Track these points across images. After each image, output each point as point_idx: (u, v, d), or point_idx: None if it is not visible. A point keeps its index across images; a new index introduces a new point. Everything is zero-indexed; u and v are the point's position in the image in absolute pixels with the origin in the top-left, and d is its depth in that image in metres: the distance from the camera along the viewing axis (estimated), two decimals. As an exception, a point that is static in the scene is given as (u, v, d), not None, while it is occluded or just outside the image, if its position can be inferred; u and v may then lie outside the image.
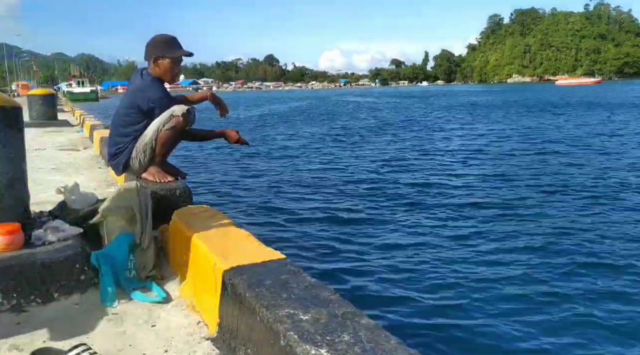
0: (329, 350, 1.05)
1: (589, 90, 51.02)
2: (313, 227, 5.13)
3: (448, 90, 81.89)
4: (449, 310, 3.23)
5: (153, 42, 2.92)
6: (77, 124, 11.40)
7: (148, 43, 2.96)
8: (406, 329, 2.95)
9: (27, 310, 1.77)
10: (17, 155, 2.14)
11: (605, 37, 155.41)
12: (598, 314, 3.14)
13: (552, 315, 3.15)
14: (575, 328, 2.99)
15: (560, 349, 2.80)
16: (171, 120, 2.81)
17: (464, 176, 7.93)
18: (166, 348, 1.52)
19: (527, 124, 16.34)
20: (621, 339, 2.87)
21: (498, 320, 3.08)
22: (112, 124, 3.06)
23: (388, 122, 19.72)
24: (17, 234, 1.98)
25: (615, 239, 4.51)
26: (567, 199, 6.09)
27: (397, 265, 4.01)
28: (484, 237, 4.71)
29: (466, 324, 3.05)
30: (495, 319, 3.10)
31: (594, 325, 3.01)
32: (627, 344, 2.83)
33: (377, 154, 10.64)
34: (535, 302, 3.34)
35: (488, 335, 2.92)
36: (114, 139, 2.99)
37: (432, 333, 2.94)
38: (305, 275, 1.51)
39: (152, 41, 2.92)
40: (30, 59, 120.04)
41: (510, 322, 3.06)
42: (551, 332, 2.96)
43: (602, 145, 10.94)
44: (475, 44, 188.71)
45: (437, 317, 3.13)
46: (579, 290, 3.48)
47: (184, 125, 2.88)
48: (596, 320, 3.07)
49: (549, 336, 2.91)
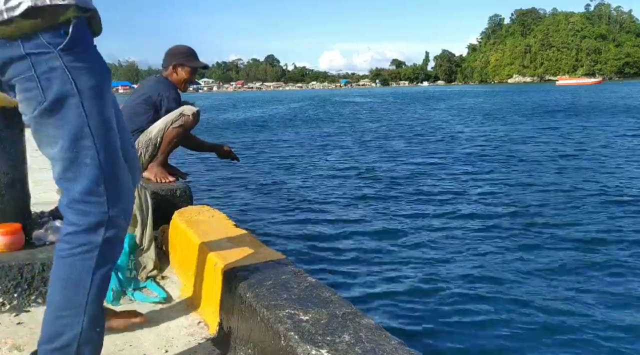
0: (330, 351, 1.05)
1: (594, 91, 50.68)
2: (313, 227, 5.13)
3: (450, 90, 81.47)
4: (449, 311, 3.22)
5: (175, 50, 3.09)
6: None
7: (170, 51, 3.15)
8: (406, 329, 2.95)
9: (27, 310, 1.77)
10: (18, 155, 2.14)
11: (605, 37, 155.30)
12: (601, 315, 3.14)
13: (553, 316, 3.15)
14: (577, 330, 2.99)
15: (561, 349, 2.79)
16: (180, 118, 2.90)
17: (464, 176, 7.93)
18: (166, 348, 1.52)
19: (553, 127, 15.52)
20: (626, 340, 2.86)
21: (499, 321, 3.08)
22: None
23: (394, 124, 19.71)
24: (18, 234, 1.98)
25: (629, 244, 4.42)
26: (584, 205, 5.94)
27: (398, 265, 4.01)
28: (486, 238, 4.71)
29: (467, 325, 3.04)
30: (496, 320, 3.10)
31: (597, 327, 3.01)
32: (629, 343, 2.83)
33: (377, 154, 10.64)
34: (537, 302, 3.33)
35: (488, 336, 2.92)
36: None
37: (432, 333, 2.94)
38: (305, 276, 1.51)
39: (175, 49, 3.10)
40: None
41: (511, 322, 3.06)
42: (552, 332, 2.96)
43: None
44: (476, 44, 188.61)
45: (437, 317, 3.12)
46: (583, 293, 3.47)
47: (193, 125, 3.00)
48: (598, 321, 3.06)
49: (550, 337, 2.91)
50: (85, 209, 1.15)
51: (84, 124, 1.13)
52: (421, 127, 17.14)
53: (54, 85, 1.10)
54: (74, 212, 1.15)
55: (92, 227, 1.15)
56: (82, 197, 1.15)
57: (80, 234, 1.14)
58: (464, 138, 13.44)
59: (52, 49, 1.09)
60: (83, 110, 1.13)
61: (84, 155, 1.14)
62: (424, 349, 2.71)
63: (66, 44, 1.10)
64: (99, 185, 1.15)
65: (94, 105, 1.14)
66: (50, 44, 1.09)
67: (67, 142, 1.12)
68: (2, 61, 1.10)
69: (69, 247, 1.15)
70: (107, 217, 1.15)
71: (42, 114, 1.12)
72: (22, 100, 1.15)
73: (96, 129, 1.14)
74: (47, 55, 1.09)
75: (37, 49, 1.08)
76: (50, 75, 1.09)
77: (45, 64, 1.09)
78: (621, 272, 3.79)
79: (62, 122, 1.12)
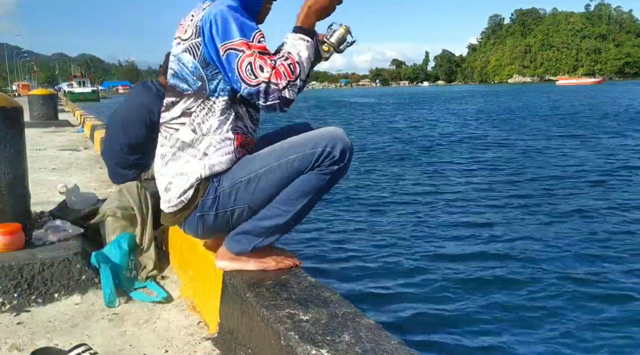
0: (330, 351, 1.05)
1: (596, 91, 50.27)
2: (313, 227, 5.13)
3: (457, 90, 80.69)
4: (449, 311, 3.22)
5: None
6: (78, 124, 11.41)
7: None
8: (406, 329, 2.95)
9: (27, 310, 1.77)
10: (18, 155, 2.14)
11: (605, 37, 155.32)
12: (605, 316, 3.14)
13: (554, 316, 3.15)
14: (579, 332, 2.98)
15: (562, 349, 2.79)
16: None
17: (463, 177, 7.93)
18: (166, 348, 1.52)
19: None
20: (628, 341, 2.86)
21: (499, 321, 3.08)
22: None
23: (393, 124, 19.69)
24: (18, 234, 1.98)
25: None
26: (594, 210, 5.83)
27: (398, 265, 4.01)
28: (487, 239, 4.70)
29: (467, 325, 3.04)
30: (496, 320, 3.10)
31: (600, 328, 3.01)
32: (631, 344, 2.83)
33: (378, 155, 10.64)
34: (537, 302, 3.33)
35: (489, 336, 2.92)
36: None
37: (432, 333, 2.94)
38: (305, 275, 1.52)
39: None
40: (30, 59, 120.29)
41: (512, 322, 3.06)
42: (552, 332, 2.96)
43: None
44: (476, 44, 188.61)
45: (437, 317, 3.12)
46: (587, 295, 3.46)
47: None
48: (599, 323, 3.07)
49: (551, 337, 2.91)
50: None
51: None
52: (423, 125, 17.13)
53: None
54: None
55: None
56: None
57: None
58: (463, 139, 13.43)
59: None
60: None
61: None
62: (424, 349, 2.71)
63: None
64: None
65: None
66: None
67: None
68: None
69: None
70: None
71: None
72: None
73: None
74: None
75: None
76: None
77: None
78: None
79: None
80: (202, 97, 1.48)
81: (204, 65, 1.46)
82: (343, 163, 1.47)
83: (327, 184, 1.49)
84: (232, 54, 1.38)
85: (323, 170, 1.45)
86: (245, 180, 1.47)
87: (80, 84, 64.46)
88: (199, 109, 1.49)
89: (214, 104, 1.48)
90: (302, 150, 1.45)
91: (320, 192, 1.50)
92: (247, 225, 1.53)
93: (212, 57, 1.43)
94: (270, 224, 1.50)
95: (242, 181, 1.47)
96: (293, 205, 1.48)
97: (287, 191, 1.48)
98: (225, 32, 1.39)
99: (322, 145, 1.44)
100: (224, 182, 1.49)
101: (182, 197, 1.50)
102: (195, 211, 1.51)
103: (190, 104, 1.50)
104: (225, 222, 1.53)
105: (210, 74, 1.46)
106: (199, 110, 1.49)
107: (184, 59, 1.49)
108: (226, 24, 1.39)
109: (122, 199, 2.19)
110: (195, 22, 1.46)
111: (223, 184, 1.49)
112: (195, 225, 1.55)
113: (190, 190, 1.49)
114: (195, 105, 1.49)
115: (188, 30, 1.49)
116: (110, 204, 2.20)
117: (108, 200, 2.25)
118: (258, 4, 1.55)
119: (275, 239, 1.55)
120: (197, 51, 1.46)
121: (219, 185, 1.49)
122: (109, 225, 2.15)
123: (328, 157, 1.44)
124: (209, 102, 1.48)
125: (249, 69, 1.37)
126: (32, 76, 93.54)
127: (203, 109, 1.48)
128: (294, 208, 1.49)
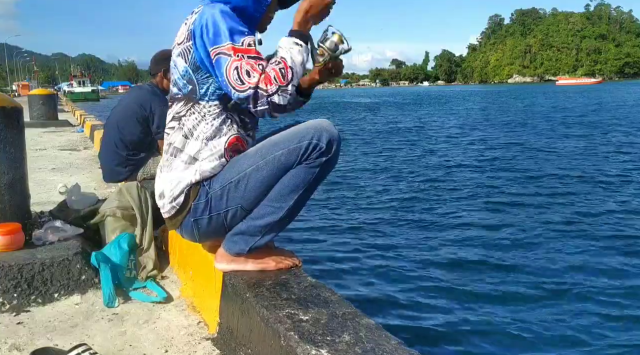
0: (330, 351, 1.05)
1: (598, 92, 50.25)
2: (313, 226, 5.13)
3: (459, 90, 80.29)
4: (449, 311, 3.22)
5: (162, 55, 3.07)
6: (78, 124, 11.41)
7: (156, 57, 3.12)
8: (406, 329, 2.95)
9: (27, 310, 1.77)
10: (18, 155, 2.14)
11: (605, 37, 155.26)
12: (606, 315, 3.14)
13: (553, 316, 3.15)
14: (576, 330, 2.99)
15: (562, 349, 2.79)
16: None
17: (463, 178, 7.92)
18: (166, 348, 1.52)
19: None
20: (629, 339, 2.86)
21: (499, 321, 3.08)
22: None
23: (395, 124, 19.69)
24: (18, 234, 1.98)
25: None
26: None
27: (398, 265, 4.01)
28: (487, 239, 4.70)
29: (467, 324, 3.04)
30: (497, 320, 3.09)
31: (601, 327, 3.01)
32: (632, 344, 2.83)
33: (378, 154, 10.64)
34: (538, 303, 3.33)
35: (489, 336, 2.92)
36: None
37: (432, 333, 2.93)
38: (305, 275, 1.52)
39: (162, 54, 3.08)
40: (30, 59, 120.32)
41: (512, 322, 3.06)
42: (552, 333, 2.95)
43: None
44: (476, 44, 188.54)
45: (437, 317, 3.12)
46: (587, 295, 3.45)
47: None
48: (600, 323, 3.06)
49: (551, 337, 2.90)
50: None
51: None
52: (417, 131, 17.12)
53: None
54: None
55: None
56: None
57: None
58: (463, 141, 13.43)
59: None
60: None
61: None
62: (424, 349, 2.71)
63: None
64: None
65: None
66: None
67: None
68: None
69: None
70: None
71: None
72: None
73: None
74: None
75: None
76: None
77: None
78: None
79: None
80: (192, 101, 1.48)
81: (194, 69, 1.46)
82: (331, 154, 1.46)
83: (317, 177, 1.48)
84: (221, 59, 1.38)
85: (311, 163, 1.45)
86: (235, 181, 1.47)
87: (80, 83, 64.52)
88: (189, 113, 1.49)
89: (204, 109, 1.48)
90: (287, 145, 1.45)
91: (311, 186, 1.49)
92: (242, 226, 1.52)
93: (204, 61, 1.42)
94: (264, 223, 1.50)
95: (232, 182, 1.47)
96: (285, 202, 1.48)
97: (278, 188, 1.47)
98: (215, 36, 1.39)
99: (307, 138, 1.43)
100: (214, 184, 1.49)
101: (174, 203, 1.52)
102: (188, 216, 1.52)
103: (180, 108, 1.50)
104: (220, 224, 1.53)
105: (200, 78, 1.46)
106: (188, 115, 1.49)
107: (178, 63, 1.50)
108: (216, 28, 1.39)
109: (122, 199, 2.19)
110: (188, 26, 1.47)
111: (214, 187, 1.49)
112: (191, 230, 1.55)
113: (181, 196, 1.50)
114: (184, 109, 1.49)
115: (182, 34, 1.50)
116: (110, 204, 2.20)
117: (108, 200, 2.26)
118: (260, 12, 1.54)
119: (272, 237, 1.55)
120: (188, 55, 1.46)
121: (210, 188, 1.49)
122: (108, 225, 2.15)
123: (315, 149, 1.44)
124: (199, 106, 1.48)
125: (236, 75, 1.36)
126: (32, 76, 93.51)
127: (193, 113, 1.49)
128: (287, 204, 1.48)
